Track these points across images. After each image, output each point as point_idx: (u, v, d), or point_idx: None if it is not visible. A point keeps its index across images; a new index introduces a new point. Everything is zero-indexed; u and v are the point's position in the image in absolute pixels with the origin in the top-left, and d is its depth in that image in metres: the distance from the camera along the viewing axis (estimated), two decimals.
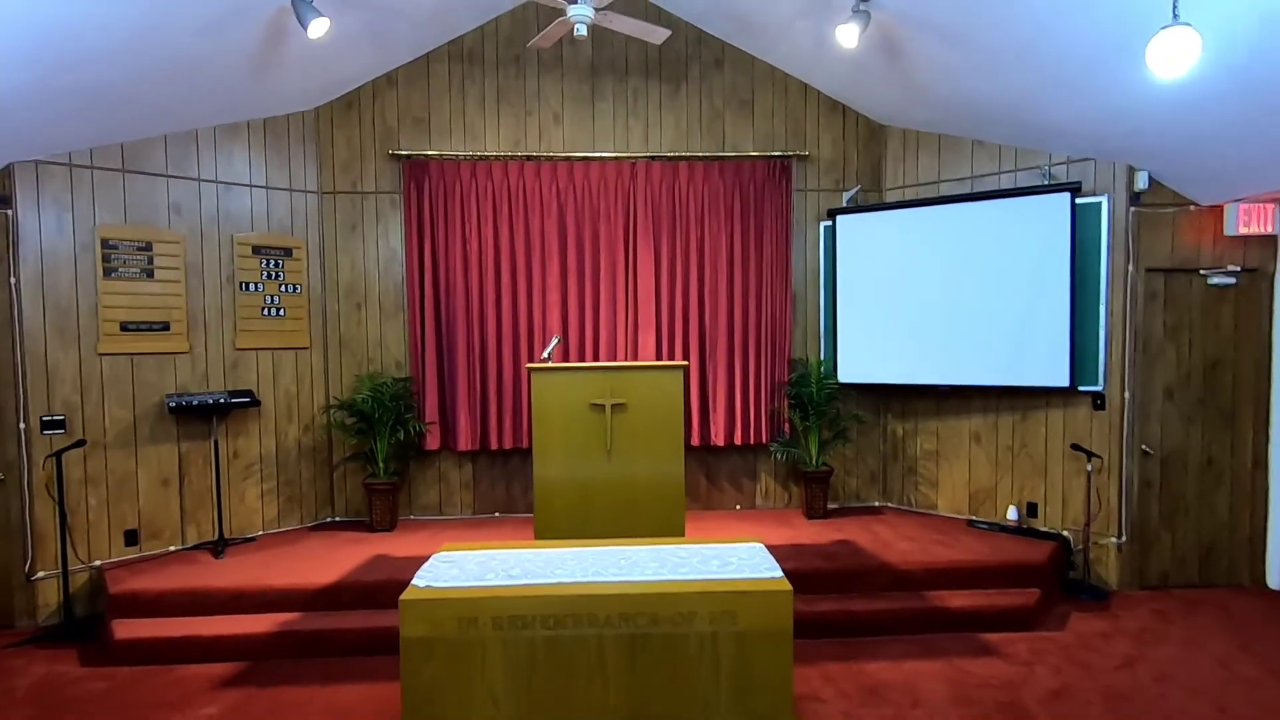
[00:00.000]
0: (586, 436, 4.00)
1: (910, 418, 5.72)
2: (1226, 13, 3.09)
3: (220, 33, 4.08)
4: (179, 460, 4.93)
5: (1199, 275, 4.79)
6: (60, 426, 4.48)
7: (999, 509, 5.29)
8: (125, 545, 4.73)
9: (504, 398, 5.54)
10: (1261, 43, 3.21)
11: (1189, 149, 4.30)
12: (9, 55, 3.35)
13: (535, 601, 2.62)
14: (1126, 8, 3.31)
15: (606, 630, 2.62)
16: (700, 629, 2.63)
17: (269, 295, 5.28)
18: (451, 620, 2.58)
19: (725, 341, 5.62)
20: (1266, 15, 3.04)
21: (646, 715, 2.63)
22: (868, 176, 5.75)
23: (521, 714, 2.61)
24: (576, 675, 2.61)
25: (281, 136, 5.32)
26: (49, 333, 4.44)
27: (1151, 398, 4.82)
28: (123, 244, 4.68)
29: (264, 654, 3.95)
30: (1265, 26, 3.10)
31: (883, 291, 5.46)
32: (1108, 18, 3.46)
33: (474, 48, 5.53)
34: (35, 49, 3.42)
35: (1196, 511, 4.89)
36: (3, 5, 3.07)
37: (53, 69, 3.63)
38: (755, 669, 2.63)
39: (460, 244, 5.50)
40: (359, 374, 5.52)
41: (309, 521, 5.50)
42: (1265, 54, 3.26)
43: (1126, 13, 3.34)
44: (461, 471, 5.69)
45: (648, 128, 5.62)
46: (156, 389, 4.84)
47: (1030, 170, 5.06)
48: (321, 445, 5.55)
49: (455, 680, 2.58)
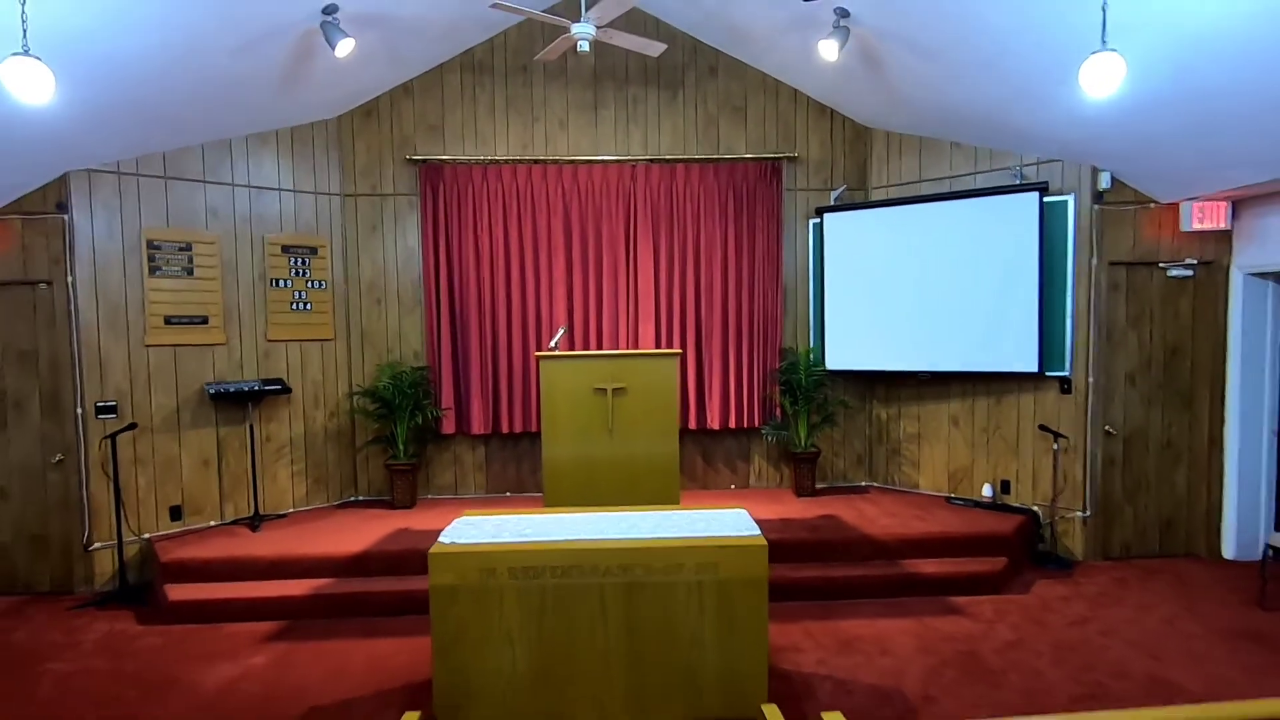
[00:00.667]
0: (590, 418, 4.40)
1: (894, 402, 6.12)
2: (1162, 34, 3.46)
3: (253, 52, 4.49)
4: (218, 443, 5.38)
5: (1159, 268, 5.15)
6: (112, 411, 4.93)
7: (975, 487, 5.68)
8: (170, 520, 5.18)
9: (514, 384, 5.96)
10: (1188, 63, 3.57)
11: (1145, 152, 4.66)
12: (70, 77, 3.77)
13: (545, 554, 3.04)
14: (1073, 30, 3.68)
15: (607, 579, 3.04)
16: (688, 578, 3.05)
17: (297, 291, 5.71)
18: (474, 571, 3.01)
19: (720, 332, 6.02)
20: (1197, 36, 3.40)
21: (642, 652, 3.05)
22: (854, 176, 6.12)
23: (534, 651, 3.03)
24: (581, 617, 3.03)
25: (307, 144, 5.73)
26: (101, 326, 4.89)
27: (1114, 382, 5.19)
28: (166, 245, 5.12)
29: (302, 614, 4.40)
30: (1192, 47, 3.46)
31: (868, 284, 5.84)
32: (1058, 37, 3.82)
33: (484, 59, 5.93)
34: (91, 71, 3.84)
35: (1156, 487, 5.26)
36: (66, 35, 3.49)
37: (105, 88, 4.06)
38: (736, 612, 3.04)
39: (473, 242, 5.92)
40: (380, 363, 5.95)
41: (335, 500, 5.95)
42: (1192, 72, 3.63)
43: (1074, 33, 3.70)
44: (475, 454, 6.12)
45: (647, 132, 6.01)
46: (197, 377, 5.28)
47: (1003, 170, 5.42)
48: (345, 430, 5.99)
49: (477, 622, 3.01)
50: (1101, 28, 3.25)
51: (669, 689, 3.06)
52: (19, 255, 4.76)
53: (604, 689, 3.04)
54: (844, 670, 3.64)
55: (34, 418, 4.88)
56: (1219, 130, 4.09)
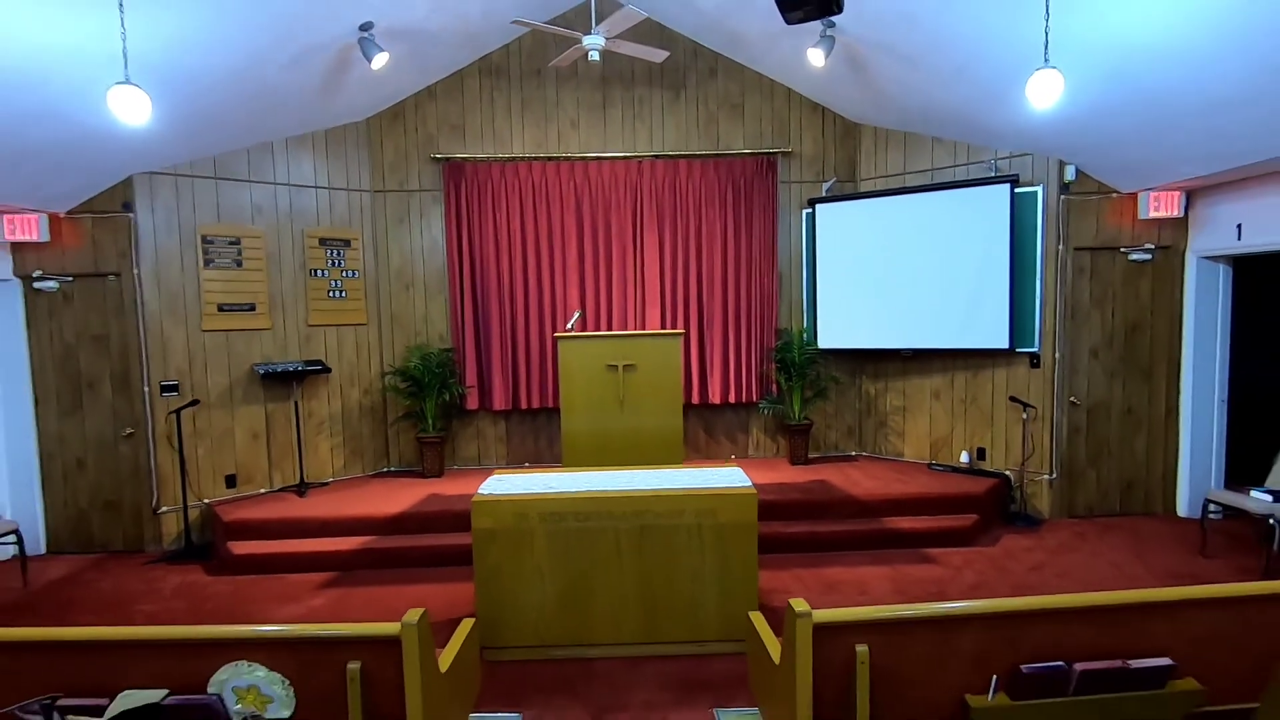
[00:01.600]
0: (604, 392, 4.94)
1: (881, 378, 6.64)
2: (1114, 46, 3.94)
3: (299, 66, 5.01)
4: (266, 418, 5.95)
5: (1120, 253, 5.63)
6: (175, 390, 5.50)
7: (954, 454, 6.21)
8: (226, 487, 5.77)
9: (531, 364, 6.50)
10: (1137, 71, 4.05)
11: (1106, 148, 5.13)
12: (166, 92, 4.28)
13: (569, 502, 3.59)
14: (1029, 42, 4.14)
15: (621, 523, 3.59)
16: (689, 522, 3.60)
17: (333, 280, 6.25)
18: (509, 516, 3.56)
19: (720, 314, 6.54)
20: (1143, 49, 3.88)
21: (651, 584, 3.60)
22: (844, 169, 6.60)
23: (560, 583, 3.59)
24: (599, 555, 3.59)
25: (340, 144, 6.25)
26: (164, 313, 5.44)
27: (1079, 357, 5.70)
28: (218, 239, 5.66)
29: (351, 565, 4.98)
30: (1140, 58, 3.94)
31: (857, 270, 6.34)
32: (1017, 48, 4.29)
33: (501, 64, 6.41)
34: (160, 87, 4.36)
35: (1118, 453, 5.78)
36: (143, 57, 4.01)
37: (172, 101, 4.58)
38: (729, 550, 3.59)
39: (492, 233, 6.44)
40: (409, 345, 6.50)
41: (369, 471, 6.53)
42: (1141, 80, 4.11)
43: (1030, 45, 4.17)
44: (496, 428, 6.69)
45: (652, 130, 6.50)
46: (246, 359, 5.84)
47: (979, 164, 5.90)
48: (378, 406, 6.55)
49: (512, 559, 3.57)
50: (1044, 47, 3.72)
51: (674, 615, 3.62)
52: (90, 250, 5.31)
53: (619, 614, 3.60)
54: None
55: (106, 396, 5.46)
56: (1168, 130, 4.57)
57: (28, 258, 5.28)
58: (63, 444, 5.47)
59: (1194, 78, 3.94)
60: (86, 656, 2.29)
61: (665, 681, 3.41)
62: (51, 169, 4.75)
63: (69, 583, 4.89)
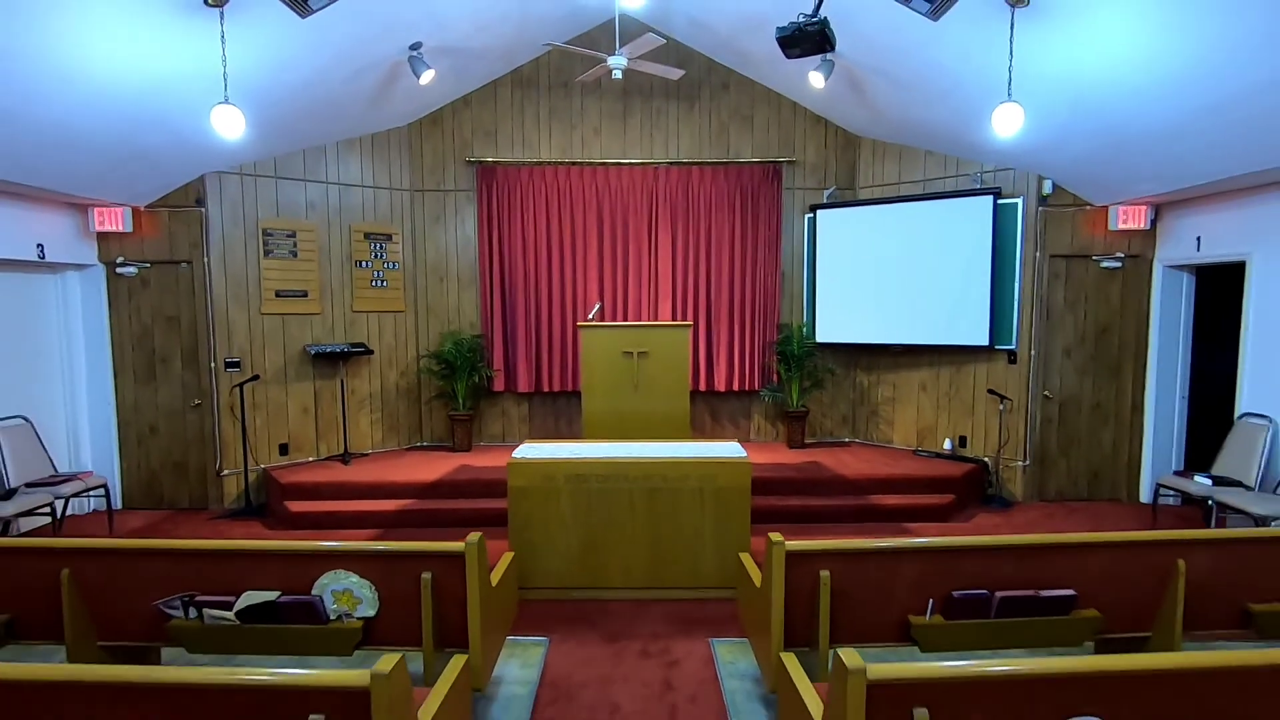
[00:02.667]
0: (620, 376, 5.55)
1: (873, 370, 7.21)
2: (1080, 81, 4.50)
3: (355, 79, 5.63)
4: (314, 394, 6.61)
5: (1093, 260, 6.16)
6: (237, 366, 6.17)
7: (938, 441, 6.78)
8: (279, 454, 6.44)
9: (554, 350, 7.13)
10: (1099, 102, 4.60)
11: (1076, 165, 5.67)
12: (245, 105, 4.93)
13: (590, 465, 4.20)
14: (1002, 73, 4.69)
15: (634, 485, 4.20)
16: (692, 485, 4.20)
17: (375, 271, 6.89)
18: (539, 475, 4.19)
19: (726, 309, 7.13)
20: (1104, 83, 4.43)
21: (659, 537, 4.22)
22: (844, 178, 7.17)
23: (581, 534, 4.22)
24: (615, 511, 4.20)
25: (384, 147, 6.88)
26: (228, 298, 6.10)
27: (1053, 354, 6.25)
28: (276, 232, 6.31)
29: (394, 524, 5.63)
30: (1102, 91, 4.50)
31: (853, 271, 6.91)
32: (991, 77, 4.84)
33: (531, 76, 7.02)
34: (237, 99, 5.00)
35: (1086, 443, 6.33)
36: (230, 76, 4.65)
37: (245, 110, 5.21)
38: (726, 510, 4.20)
39: (520, 231, 7.06)
40: (442, 331, 7.14)
41: (404, 445, 7.18)
42: (1102, 109, 4.66)
43: (1003, 75, 4.73)
44: (520, 408, 7.32)
45: (668, 139, 7.09)
46: (299, 340, 6.50)
47: (966, 176, 6.44)
48: (413, 386, 7.20)
49: (541, 512, 4.19)
50: (1008, 84, 4.28)
51: (677, 564, 4.23)
52: (166, 240, 5.98)
53: (630, 561, 4.22)
54: None
55: (176, 370, 6.13)
56: (1125, 153, 5.11)
57: (111, 246, 5.95)
58: (138, 412, 6.15)
59: (1140, 111, 4.49)
60: (216, 563, 2.94)
61: (668, 618, 4.03)
62: (147, 169, 5.41)
63: (148, 531, 5.57)
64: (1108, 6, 3.80)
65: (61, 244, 5.60)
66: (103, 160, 5.06)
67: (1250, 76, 3.78)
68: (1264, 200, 5.07)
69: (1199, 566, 2.92)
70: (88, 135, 4.62)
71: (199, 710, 1.89)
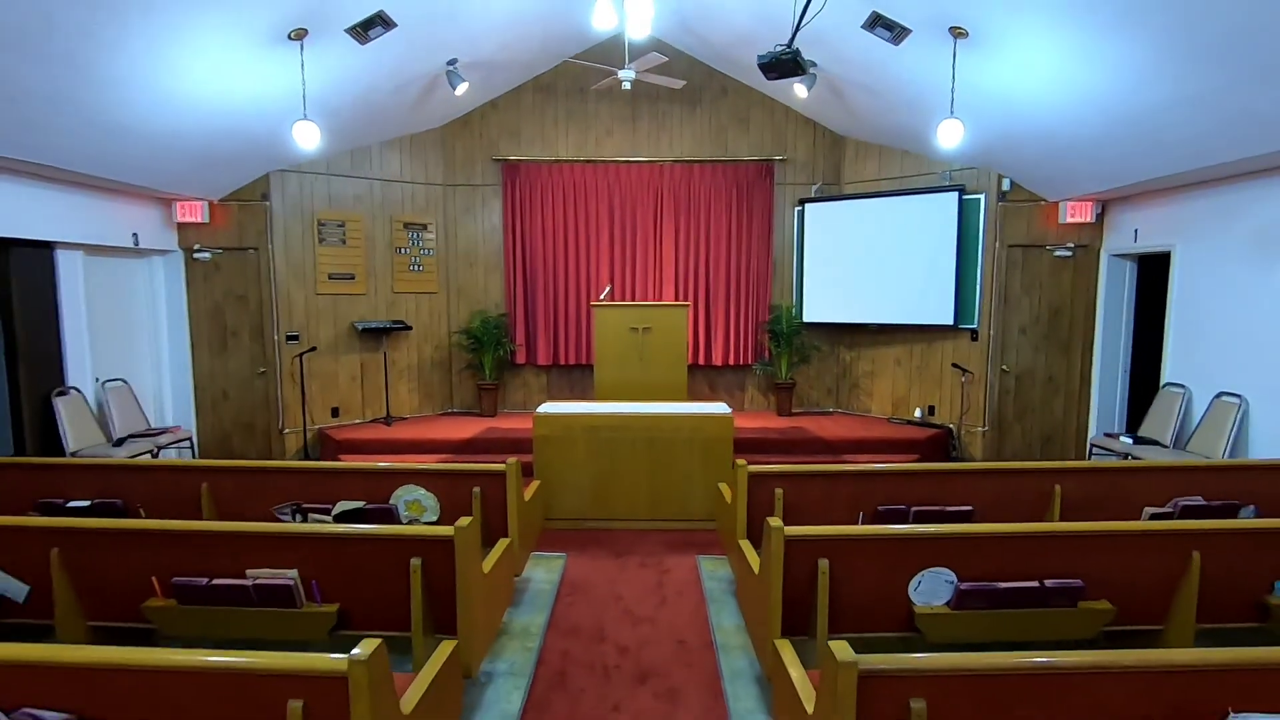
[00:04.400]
0: (627, 349, 6.45)
1: (855, 347, 8.06)
2: (1020, 96, 5.30)
3: (400, 91, 6.52)
4: (361, 365, 7.57)
5: (1046, 250, 6.96)
6: (296, 339, 7.12)
7: (910, 409, 7.64)
8: (331, 417, 7.41)
9: (569, 327, 8.03)
10: (1035, 114, 5.40)
11: (1030, 165, 6.46)
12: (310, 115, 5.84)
13: (602, 419, 5.11)
14: (958, 87, 5.49)
15: (637, 435, 5.10)
16: (684, 436, 5.10)
17: (413, 257, 7.81)
18: (559, 426, 5.10)
19: (723, 291, 7.99)
20: (1037, 99, 5.23)
21: (656, 478, 5.12)
22: (830, 175, 7.98)
23: (593, 475, 5.13)
24: (621, 456, 5.11)
25: (420, 147, 7.77)
26: (290, 280, 7.05)
27: (1010, 333, 7.07)
28: (329, 223, 7.24)
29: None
30: (1037, 105, 5.30)
31: (837, 257, 7.74)
32: (945, 91, 5.64)
33: (550, 82, 7.87)
34: (310, 110, 5.90)
35: (1039, 411, 7.16)
36: (300, 91, 5.54)
37: (314, 119, 6.12)
38: (712, 456, 5.09)
39: (540, 221, 7.94)
40: (471, 310, 8.05)
41: (437, 410, 8.14)
42: (1039, 119, 5.45)
43: (959, 89, 5.53)
44: (539, 379, 8.25)
45: (672, 139, 7.92)
46: (347, 317, 7.44)
47: (935, 174, 7.24)
48: (446, 359, 8.14)
49: (560, 456, 5.11)
50: (950, 103, 5.10)
51: (671, 501, 5.15)
52: (236, 230, 6.92)
53: (633, 497, 5.14)
54: None
55: (245, 342, 7.10)
56: (1066, 157, 5.90)
57: (189, 234, 6.90)
58: (212, 379, 7.13)
59: (1066, 122, 5.29)
60: (317, 480, 3.89)
61: (664, 543, 4.95)
62: (222, 169, 6.35)
63: None
64: (1030, 37, 4.60)
65: (151, 233, 6.55)
66: (188, 162, 5.98)
67: (1150, 96, 4.57)
68: (1185, 199, 5.84)
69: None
70: (179, 143, 5.55)
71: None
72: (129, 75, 4.47)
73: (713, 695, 3.09)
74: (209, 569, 2.79)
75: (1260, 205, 5.12)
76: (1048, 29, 4.42)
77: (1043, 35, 4.51)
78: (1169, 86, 4.38)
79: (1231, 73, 3.96)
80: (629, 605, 3.99)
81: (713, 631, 3.67)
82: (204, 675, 1.84)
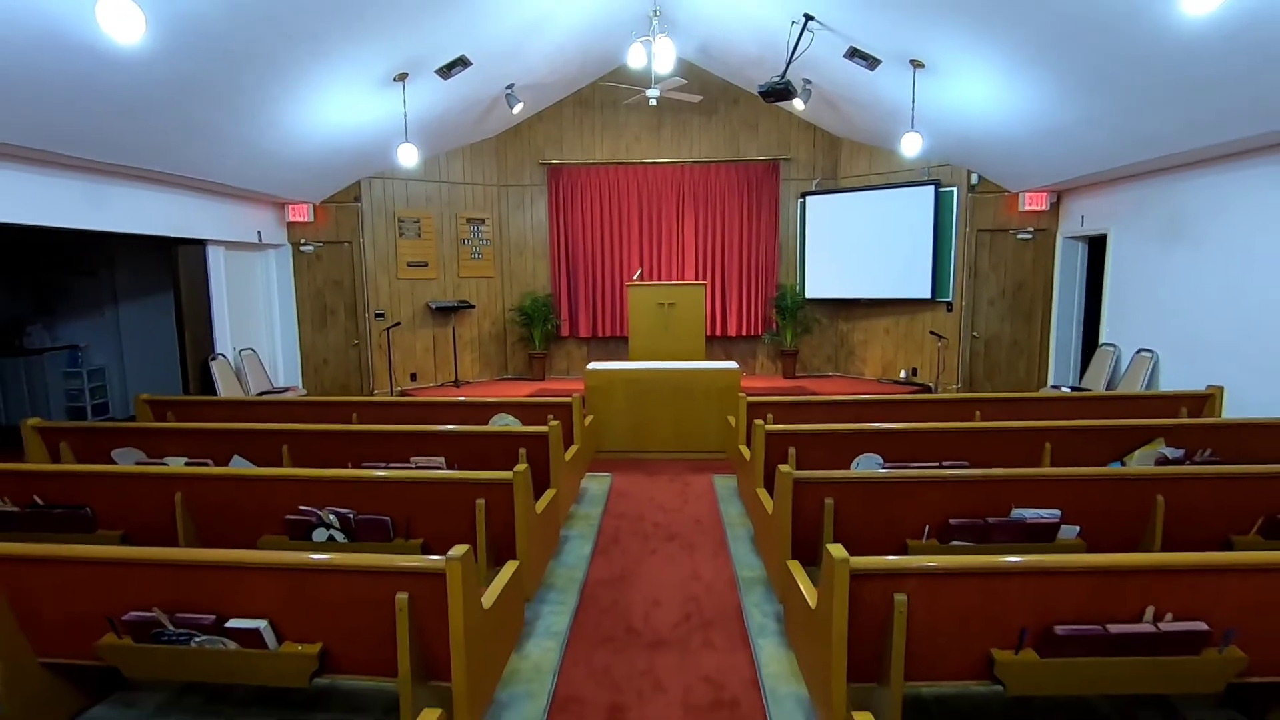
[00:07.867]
0: (655, 321, 7.85)
1: (851, 319, 9.38)
2: (978, 108, 6.58)
3: (467, 110, 7.95)
4: (433, 338, 9.08)
5: (1010, 233, 8.20)
6: (382, 316, 8.64)
7: (897, 372, 8.95)
8: (410, 380, 8.94)
9: (605, 304, 9.46)
10: (990, 124, 6.67)
11: (990, 164, 7.71)
12: (383, 130, 7.30)
13: (637, 373, 6.53)
14: (923, 103, 6.76)
15: (665, 386, 6.52)
16: (702, 386, 6.50)
17: (474, 247, 9.28)
18: (604, 379, 6.54)
19: (736, 272, 9.35)
20: (990, 109, 6.50)
21: (680, 420, 6.53)
22: (829, 171, 9.26)
23: (631, 417, 6.56)
24: (653, 404, 6.54)
25: (479, 154, 9.21)
26: (377, 267, 8.56)
27: (980, 304, 8.33)
28: (407, 220, 8.73)
29: None
30: (989, 116, 6.57)
31: (835, 242, 9.04)
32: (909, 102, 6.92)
33: (588, 97, 9.24)
34: (378, 126, 7.37)
35: (1005, 372, 8.44)
36: (398, 118, 7.00)
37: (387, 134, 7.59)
38: (724, 401, 6.49)
39: (580, 215, 9.35)
40: (522, 292, 9.52)
41: (495, 376, 9.64)
42: (994, 127, 6.72)
43: (923, 105, 6.80)
44: (581, 349, 9.70)
45: (691, 143, 9.26)
46: (422, 298, 8.95)
47: (916, 170, 8.50)
48: (501, 333, 9.62)
49: (606, 401, 6.55)
50: (911, 119, 6.38)
51: (692, 437, 6.57)
52: (334, 226, 8.43)
53: (662, 434, 6.57)
54: None
55: (341, 319, 8.64)
56: (1019, 156, 7.15)
57: (296, 231, 8.43)
58: (314, 349, 8.69)
59: (1007, 130, 6.56)
60: (431, 410, 5.37)
61: (686, 466, 6.37)
62: (326, 178, 7.85)
63: None
64: (971, 68, 5.87)
65: (269, 231, 8.09)
66: (303, 174, 7.49)
67: (1063, 115, 5.83)
68: (1115, 191, 7.06)
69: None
70: (303, 160, 7.04)
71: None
72: (283, 117, 5.96)
73: (720, 545, 4.52)
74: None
75: (1168, 198, 6.35)
76: (984, 60, 5.70)
77: (981, 66, 5.79)
78: (1075, 108, 5.65)
79: (1115, 100, 5.23)
80: (661, 502, 5.43)
81: (721, 515, 5.10)
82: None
